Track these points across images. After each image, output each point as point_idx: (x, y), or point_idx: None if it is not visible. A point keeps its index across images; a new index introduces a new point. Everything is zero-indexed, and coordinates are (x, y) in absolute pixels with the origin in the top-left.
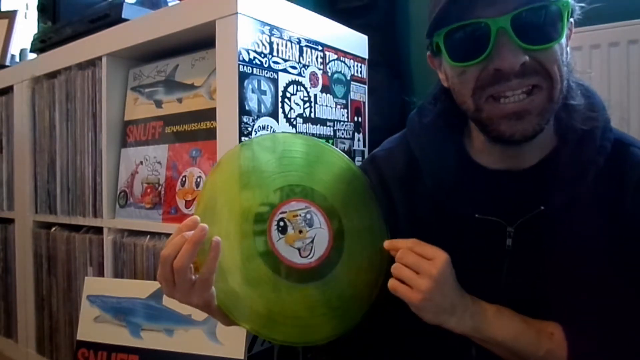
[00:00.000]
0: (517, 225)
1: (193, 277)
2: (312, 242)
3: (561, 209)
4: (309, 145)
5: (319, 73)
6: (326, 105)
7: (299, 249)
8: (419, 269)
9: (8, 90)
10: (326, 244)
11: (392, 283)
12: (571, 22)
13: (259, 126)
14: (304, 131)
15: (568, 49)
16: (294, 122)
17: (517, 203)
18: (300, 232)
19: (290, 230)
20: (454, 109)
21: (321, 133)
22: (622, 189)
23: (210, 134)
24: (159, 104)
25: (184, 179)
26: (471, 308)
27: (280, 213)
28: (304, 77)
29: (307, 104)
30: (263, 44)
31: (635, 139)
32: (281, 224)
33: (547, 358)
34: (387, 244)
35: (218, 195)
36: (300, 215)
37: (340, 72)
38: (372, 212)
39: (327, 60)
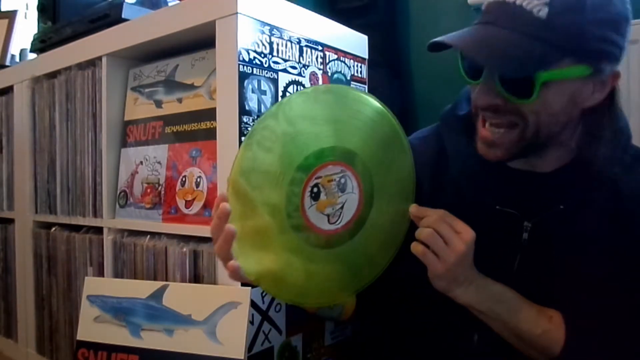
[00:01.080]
0: (535, 221)
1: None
2: (341, 208)
3: (579, 210)
4: (334, 94)
5: (319, 73)
6: None
7: (328, 215)
8: (450, 241)
9: (8, 90)
10: (354, 209)
11: (420, 248)
12: (615, 72)
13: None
14: None
15: (597, 95)
16: None
17: (537, 201)
18: (332, 198)
19: (322, 197)
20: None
21: None
22: (634, 198)
23: (210, 134)
24: (159, 104)
25: (184, 179)
26: (477, 281)
27: (316, 178)
28: (304, 77)
29: None
30: (263, 44)
31: None
32: (315, 190)
33: (544, 338)
34: (414, 209)
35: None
36: (335, 180)
37: (340, 72)
38: (403, 168)
39: (327, 60)
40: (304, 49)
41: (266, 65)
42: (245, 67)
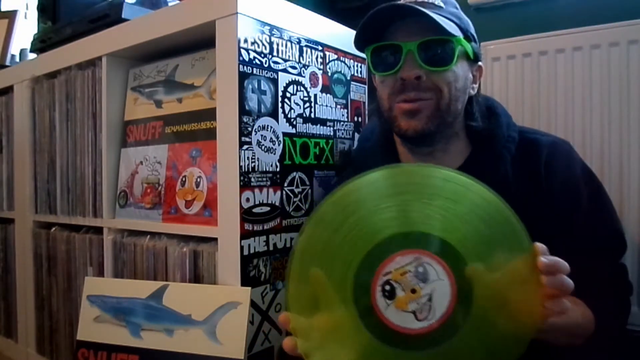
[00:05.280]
0: None
1: None
2: (429, 299)
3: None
4: (390, 177)
5: (319, 73)
6: (326, 105)
7: (414, 312)
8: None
9: (8, 90)
10: (449, 297)
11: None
12: (480, 66)
13: (259, 126)
14: (304, 131)
15: (474, 85)
16: (294, 122)
17: None
18: (414, 291)
19: (399, 293)
20: (386, 126)
21: (321, 133)
22: (537, 164)
23: (210, 134)
24: (159, 104)
25: (184, 179)
26: None
27: (384, 275)
28: (304, 77)
29: (307, 104)
30: (263, 44)
31: (536, 130)
32: (387, 287)
33: (590, 318)
34: (543, 263)
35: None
36: (410, 271)
37: (340, 72)
38: (512, 236)
39: (327, 60)
40: (304, 49)
41: (266, 65)
42: (245, 67)
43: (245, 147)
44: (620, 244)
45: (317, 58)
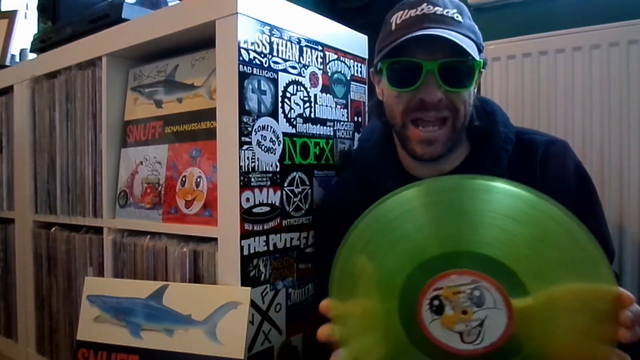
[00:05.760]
0: None
1: None
2: (480, 325)
3: None
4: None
5: (319, 73)
6: (326, 105)
7: (460, 333)
8: None
9: (8, 90)
10: (503, 328)
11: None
12: (481, 72)
13: (259, 126)
14: (304, 131)
15: (474, 90)
16: (294, 122)
17: None
18: (464, 312)
19: (448, 311)
20: (386, 127)
21: (321, 133)
22: (532, 163)
23: (210, 134)
24: (159, 104)
25: (184, 179)
26: None
27: (435, 290)
28: (304, 77)
29: (307, 104)
30: (263, 44)
31: (534, 130)
32: (435, 302)
33: None
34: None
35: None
36: (464, 292)
37: (340, 72)
38: (586, 265)
39: (327, 60)
40: (304, 49)
41: (266, 65)
42: (245, 67)
43: (245, 147)
44: (606, 250)
45: (317, 58)
